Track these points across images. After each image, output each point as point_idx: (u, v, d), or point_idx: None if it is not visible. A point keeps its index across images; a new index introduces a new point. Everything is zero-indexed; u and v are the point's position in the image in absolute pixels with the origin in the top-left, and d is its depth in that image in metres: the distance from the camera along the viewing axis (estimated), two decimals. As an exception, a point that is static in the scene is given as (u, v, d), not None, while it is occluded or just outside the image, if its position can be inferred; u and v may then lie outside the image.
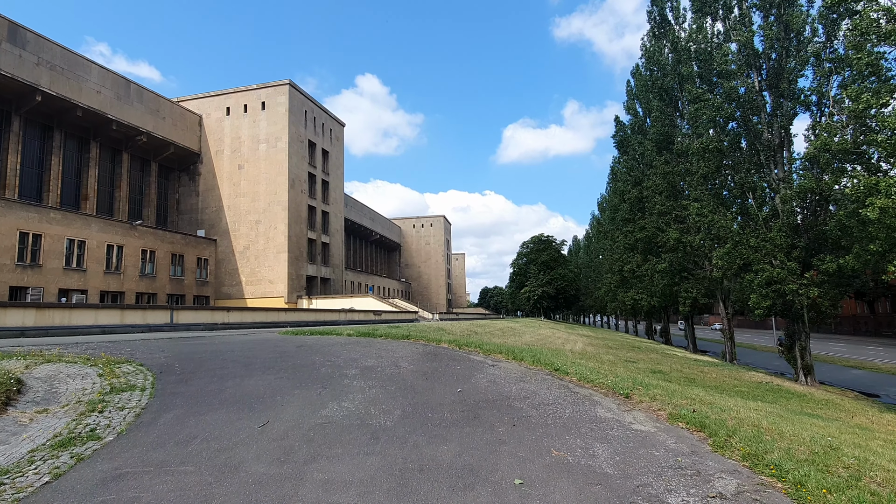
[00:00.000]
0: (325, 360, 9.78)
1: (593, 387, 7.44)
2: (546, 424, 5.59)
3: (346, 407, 6.45)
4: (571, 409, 6.19)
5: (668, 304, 46.88)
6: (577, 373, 8.28)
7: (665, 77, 37.62)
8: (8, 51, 35.07)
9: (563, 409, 6.19)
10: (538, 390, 7.15)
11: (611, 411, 6.13)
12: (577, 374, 8.22)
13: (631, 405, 6.48)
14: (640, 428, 5.50)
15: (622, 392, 6.97)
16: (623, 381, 7.64)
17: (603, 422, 5.69)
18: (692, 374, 21.24)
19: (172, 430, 5.80)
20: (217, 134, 53.51)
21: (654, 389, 7.24)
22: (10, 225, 32.72)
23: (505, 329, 33.27)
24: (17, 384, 7.42)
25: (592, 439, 5.09)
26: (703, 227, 28.00)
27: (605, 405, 6.41)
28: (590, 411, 6.11)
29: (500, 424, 5.62)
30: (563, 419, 5.78)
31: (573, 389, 7.21)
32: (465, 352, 10.99)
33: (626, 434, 5.28)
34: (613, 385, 7.33)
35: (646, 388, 7.35)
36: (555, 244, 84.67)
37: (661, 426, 5.60)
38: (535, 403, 6.45)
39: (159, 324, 21.43)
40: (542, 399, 6.66)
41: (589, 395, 6.93)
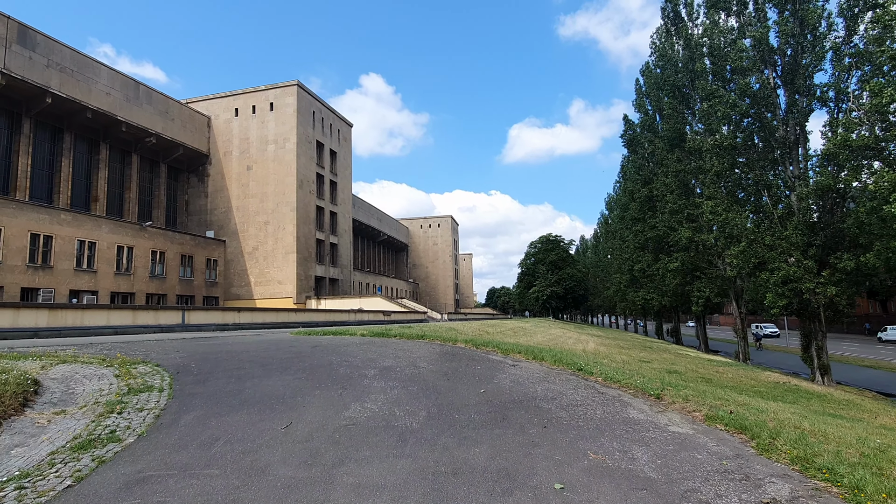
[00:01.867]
0: (342, 360, 9.63)
1: (621, 387, 7.24)
2: (578, 426, 5.40)
3: (369, 408, 6.29)
4: (602, 410, 6.00)
5: (679, 303, 46.46)
6: (601, 373, 8.08)
7: (677, 74, 37.24)
8: (18, 53, 35.27)
9: (594, 410, 6.00)
10: (564, 391, 6.96)
11: (643, 412, 5.94)
12: (601, 374, 8.02)
13: (663, 406, 6.28)
14: (678, 430, 5.30)
15: (652, 393, 6.77)
16: (651, 382, 7.44)
17: (637, 423, 5.49)
18: (708, 374, 20.94)
19: (194, 431, 5.66)
20: (226, 135, 53.65)
21: (685, 390, 7.04)
22: (22, 226, 32.89)
23: (516, 329, 33.06)
24: (33, 385, 7.33)
25: (629, 442, 4.90)
26: (716, 225, 27.68)
27: (636, 406, 6.21)
28: (621, 412, 5.92)
29: (530, 426, 5.44)
30: (595, 420, 5.59)
31: (600, 390, 7.01)
32: (483, 351, 10.81)
33: (663, 436, 5.08)
34: (642, 385, 7.12)
35: (676, 388, 7.15)
36: (563, 244, 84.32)
37: (698, 428, 5.40)
38: (564, 404, 6.26)
39: (171, 324, 21.42)
40: (569, 400, 6.47)
41: (617, 395, 6.73)
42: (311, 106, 55.02)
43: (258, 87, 53.60)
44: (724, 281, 34.72)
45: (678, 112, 37.20)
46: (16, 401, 6.69)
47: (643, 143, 46.99)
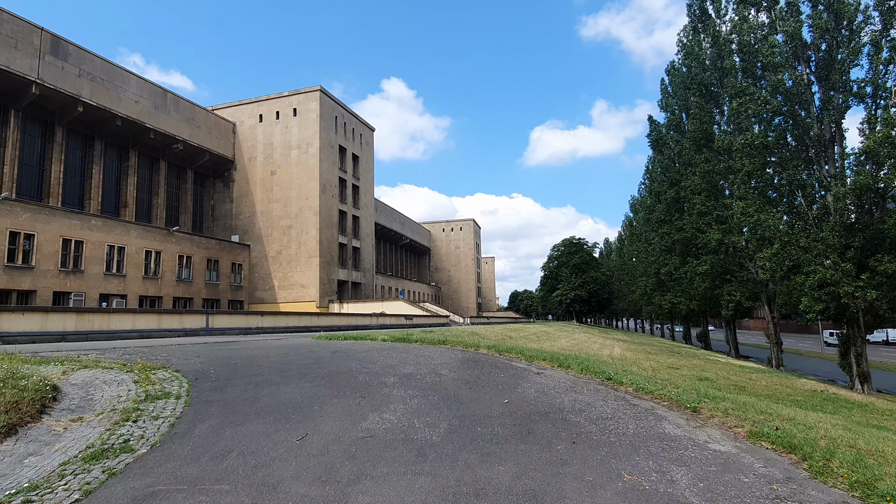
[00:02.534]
0: (361, 366, 9.41)
1: (654, 398, 6.83)
2: (610, 442, 5.04)
3: (387, 419, 6.03)
4: (635, 424, 5.62)
5: (708, 307, 45.19)
6: (632, 382, 7.67)
7: (704, 72, 36.34)
8: (51, 63, 36.32)
9: (626, 424, 5.63)
10: (593, 402, 6.58)
11: (680, 427, 5.54)
12: (632, 383, 7.61)
13: (701, 421, 5.87)
14: (719, 448, 4.90)
15: (688, 405, 6.35)
16: (686, 393, 7.01)
17: (674, 440, 5.10)
18: (740, 382, 20.16)
19: (207, 442, 5.48)
20: (250, 141, 54.41)
21: (724, 402, 6.59)
22: (54, 232, 33.77)
23: (539, 333, 32.52)
24: (52, 391, 7.27)
25: (667, 461, 4.53)
26: (747, 227, 26.75)
27: (671, 420, 5.81)
28: (656, 427, 5.53)
29: (557, 441, 5.10)
30: (628, 436, 5.22)
31: (631, 401, 6.62)
32: (507, 358, 10.47)
33: (704, 455, 4.69)
34: (677, 397, 6.70)
35: (714, 400, 6.70)
36: (586, 247, 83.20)
37: (742, 446, 4.98)
38: (593, 417, 5.90)
39: (195, 328, 21.59)
40: (599, 412, 6.10)
41: (650, 408, 6.33)
42: (333, 111, 55.43)
43: (282, 93, 54.24)
44: (755, 284, 33.60)
45: (706, 111, 36.25)
46: (33, 407, 6.63)
47: (669, 143, 46.00)
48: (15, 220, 31.63)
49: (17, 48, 34.40)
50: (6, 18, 34.00)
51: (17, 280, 31.55)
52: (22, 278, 31.83)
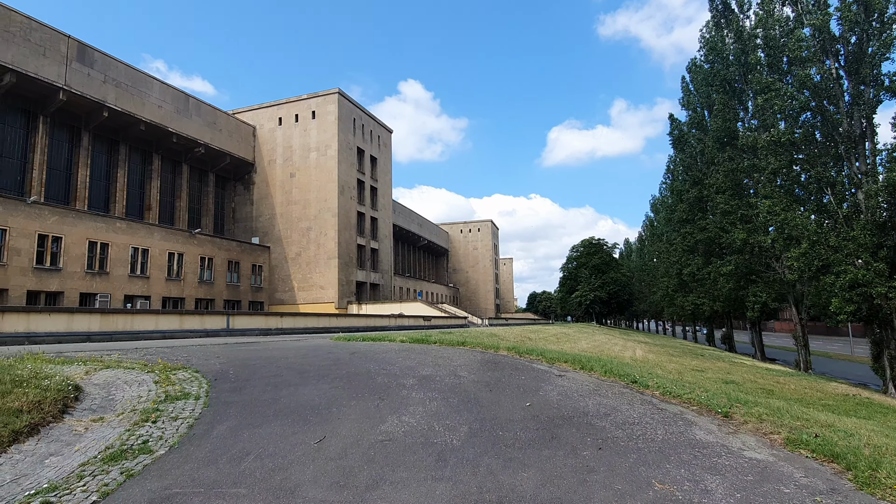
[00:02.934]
0: (380, 368, 9.31)
1: (682, 403, 6.57)
2: (638, 448, 4.83)
3: (406, 422, 5.90)
4: (663, 429, 5.40)
5: (732, 309, 44.20)
6: (658, 385, 7.41)
7: (728, 68, 35.59)
8: (78, 70, 37.18)
9: (654, 429, 5.40)
10: (618, 406, 6.36)
11: (711, 433, 5.29)
12: (658, 387, 7.35)
13: (734, 426, 5.61)
14: (755, 456, 4.65)
15: (719, 410, 6.09)
16: (716, 397, 6.74)
17: (706, 447, 4.87)
18: (768, 385, 19.60)
19: (225, 444, 5.42)
20: (270, 144, 55.01)
21: (757, 407, 6.30)
22: (81, 235, 34.53)
23: (559, 335, 32.16)
24: (74, 391, 7.31)
25: (700, 469, 4.31)
26: (774, 226, 26.05)
27: (702, 426, 5.57)
28: (686, 433, 5.30)
29: (583, 447, 4.90)
30: (657, 442, 5.00)
31: (658, 405, 6.38)
32: (527, 360, 10.27)
33: (739, 464, 4.45)
34: (707, 402, 6.44)
35: (746, 405, 6.42)
36: (606, 247, 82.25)
37: (779, 454, 4.73)
38: (619, 422, 5.69)
39: (216, 329, 21.79)
40: (625, 417, 5.88)
41: (679, 412, 6.09)
42: (351, 113, 55.74)
43: (300, 95, 54.74)
44: (782, 285, 32.74)
45: (730, 108, 35.49)
46: (55, 407, 6.66)
47: (691, 141, 45.20)
48: (43, 223, 32.42)
49: (45, 56, 35.30)
50: (35, 27, 34.91)
51: (45, 281, 32.32)
52: (50, 280, 32.59)
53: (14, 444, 5.77)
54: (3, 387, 6.69)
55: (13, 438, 5.80)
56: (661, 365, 22.11)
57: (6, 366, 7.54)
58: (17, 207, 31.19)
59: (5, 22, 33.33)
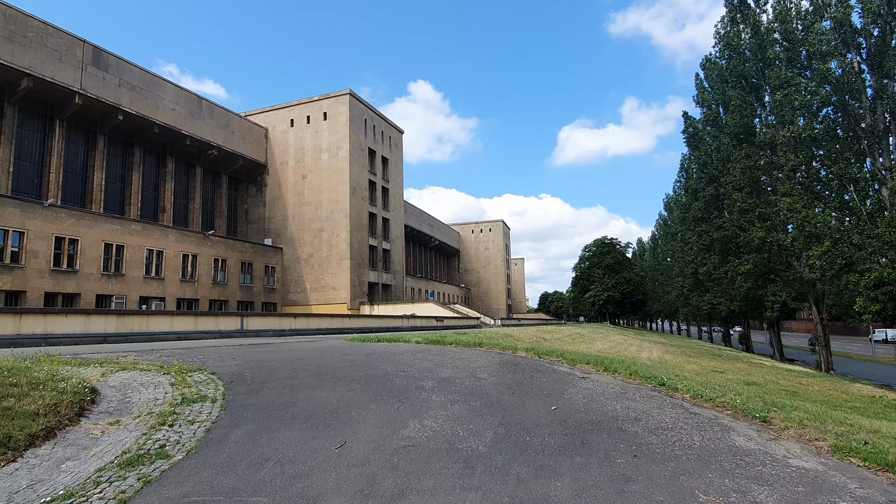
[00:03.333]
0: (397, 370, 9.14)
1: (715, 407, 6.30)
2: (676, 456, 4.59)
3: (429, 426, 5.71)
4: (700, 435, 5.14)
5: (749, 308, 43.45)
6: (688, 388, 7.14)
7: (744, 64, 34.97)
8: (93, 74, 37.56)
9: (690, 435, 5.15)
10: (649, 410, 6.11)
11: (751, 440, 5.03)
12: (688, 390, 7.08)
13: (774, 432, 5.34)
14: (802, 465, 4.39)
15: (757, 415, 5.81)
16: (751, 401, 6.45)
17: (748, 454, 4.61)
18: (791, 387, 19.13)
19: (244, 449, 5.27)
20: (282, 145, 55.22)
21: (797, 412, 6.01)
22: (97, 237, 34.85)
23: (574, 335, 31.79)
24: (91, 393, 7.22)
25: (745, 479, 4.06)
26: (795, 224, 25.48)
27: (740, 431, 5.30)
28: (724, 439, 5.04)
29: (616, 454, 4.67)
30: (695, 449, 4.76)
31: (691, 410, 6.12)
32: (547, 361, 10.03)
33: (787, 473, 4.19)
34: (742, 405, 6.16)
35: (783, 409, 6.13)
36: (619, 247, 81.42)
37: (828, 463, 4.46)
38: (652, 427, 5.44)
39: (230, 330, 21.79)
40: (657, 422, 5.63)
41: (713, 417, 5.83)
42: (362, 114, 55.77)
43: (312, 97, 54.88)
44: (802, 284, 32.07)
45: (746, 104, 34.88)
46: (71, 410, 6.57)
47: (706, 139, 44.56)
48: (60, 225, 32.76)
49: (61, 60, 35.70)
50: (51, 32, 35.32)
51: (62, 283, 32.65)
52: (67, 282, 32.92)
53: (30, 447, 5.67)
54: (19, 389, 6.61)
55: (29, 442, 5.70)
56: (679, 366, 21.70)
57: (23, 368, 7.48)
58: (34, 210, 31.54)
59: (22, 27, 33.75)
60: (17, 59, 33.20)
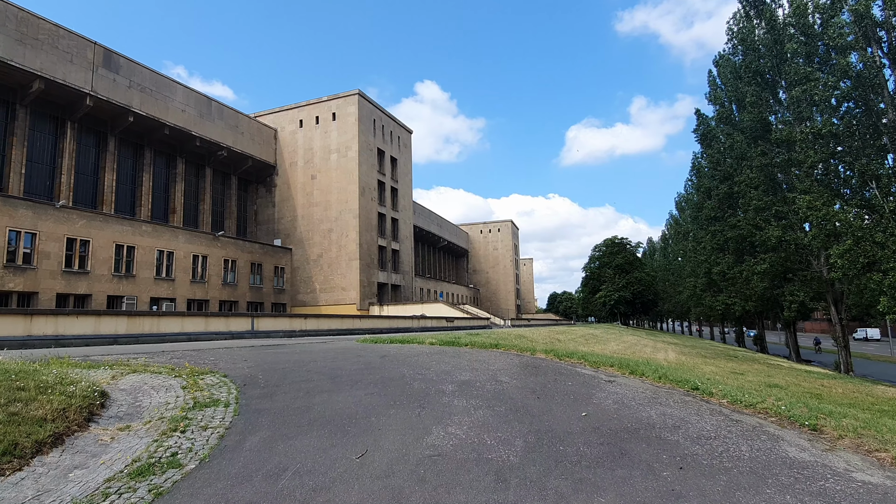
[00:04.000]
0: (414, 372, 8.84)
1: (756, 413, 5.94)
2: (725, 468, 4.24)
3: (453, 434, 5.40)
4: (747, 445, 4.79)
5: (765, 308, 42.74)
6: (724, 393, 6.77)
7: (759, 60, 34.37)
8: (104, 76, 37.66)
9: (737, 445, 4.80)
10: (686, 417, 5.76)
11: (805, 451, 4.67)
12: (724, 394, 6.71)
13: (828, 442, 4.97)
14: (868, 479, 4.03)
15: (804, 422, 5.44)
16: (795, 406, 6.07)
17: (805, 467, 4.26)
18: (813, 389, 18.61)
19: (260, 457, 4.99)
20: (291, 146, 55.19)
21: (847, 419, 5.64)
22: (108, 238, 34.90)
23: (587, 336, 31.36)
24: (100, 397, 6.99)
25: (808, 495, 3.71)
26: (815, 221, 24.89)
27: (790, 441, 4.94)
28: (775, 450, 4.68)
29: (660, 466, 4.34)
30: (745, 461, 4.41)
31: (732, 416, 5.76)
32: (569, 364, 9.68)
33: (852, 489, 3.84)
34: (787, 412, 5.79)
35: (832, 416, 5.76)
36: (629, 246, 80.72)
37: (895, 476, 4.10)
38: (693, 436, 5.09)
39: (241, 331, 21.62)
40: (698, 430, 5.28)
41: (757, 424, 5.47)
42: (371, 114, 55.62)
43: (321, 98, 54.81)
44: (820, 283, 31.41)
45: (762, 101, 34.27)
46: (81, 415, 6.33)
47: (719, 137, 43.91)
48: (72, 226, 32.83)
49: (72, 62, 35.81)
50: (62, 34, 35.44)
51: (74, 284, 32.72)
52: (78, 283, 32.98)
53: (37, 455, 5.43)
54: (27, 394, 6.38)
55: (36, 449, 5.46)
56: (697, 368, 21.23)
57: (31, 371, 7.26)
58: (46, 212, 31.63)
59: (34, 30, 33.88)
60: (28, 62, 33.34)
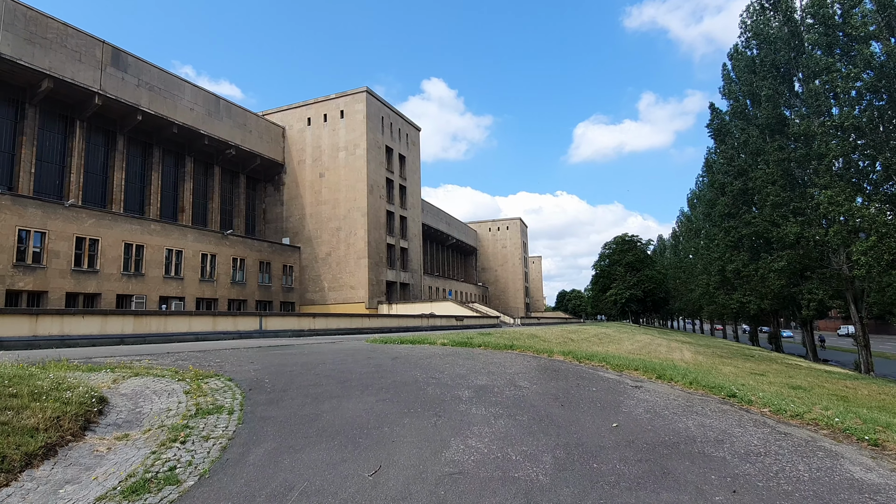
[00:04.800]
0: (427, 376, 8.41)
1: (804, 424, 5.44)
2: (786, 492, 3.76)
3: (474, 447, 4.96)
4: (804, 464, 4.30)
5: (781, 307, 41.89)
6: (764, 401, 6.27)
7: (775, 53, 33.56)
8: (112, 75, 37.56)
9: (792, 464, 4.31)
10: (728, 429, 5.27)
11: (871, 471, 4.18)
12: (764, 402, 6.21)
13: (894, 460, 4.47)
14: (955, 507, 3.54)
15: (864, 436, 4.94)
16: (847, 417, 5.57)
17: (878, 491, 3.77)
18: (838, 391, 17.97)
19: (264, 473, 4.58)
20: (299, 144, 54.96)
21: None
22: (117, 237, 34.81)
23: (600, 335, 30.79)
24: (98, 404, 6.61)
25: (890, 528, 3.24)
26: (837, 217, 24.16)
27: (851, 459, 4.45)
28: (837, 469, 4.19)
29: (710, 489, 3.87)
30: (805, 482, 3.93)
31: (778, 428, 5.26)
32: (590, 367, 9.20)
33: (940, 520, 3.36)
34: (841, 424, 5.28)
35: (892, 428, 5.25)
36: (640, 244, 79.84)
37: (984, 504, 3.60)
38: (740, 452, 4.61)
39: (249, 330, 21.33)
40: (745, 444, 4.79)
41: (809, 438, 4.97)
42: (379, 111, 55.24)
43: (329, 95, 54.51)
44: (840, 281, 30.60)
45: (779, 94, 33.47)
46: (76, 424, 5.95)
47: (733, 131, 43.11)
48: (81, 225, 32.75)
49: (81, 61, 35.72)
50: (71, 33, 35.35)
51: (83, 283, 32.65)
52: (88, 282, 32.91)
53: (27, 468, 5.05)
54: (19, 401, 6.01)
55: (26, 462, 5.08)
56: (715, 368, 20.64)
57: (26, 376, 6.90)
58: (55, 211, 31.56)
59: (42, 29, 33.81)
60: (37, 61, 33.27)
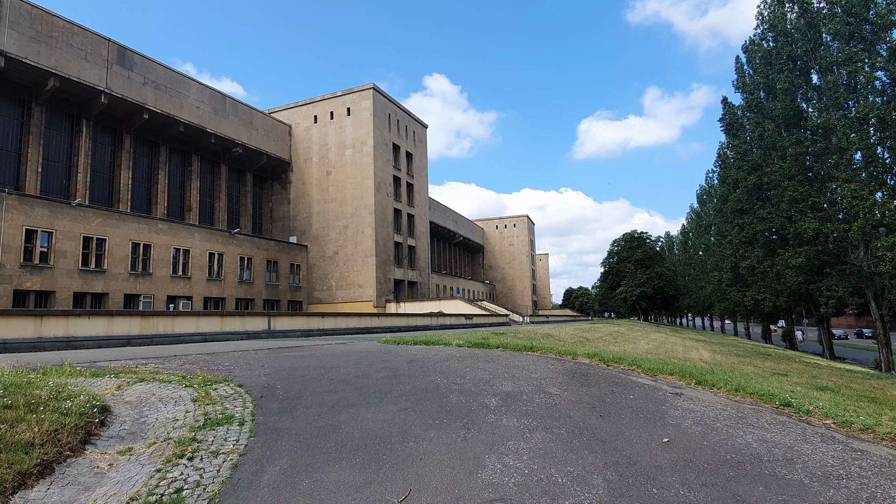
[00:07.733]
0: (448, 381, 7.91)
1: (878, 439, 4.90)
2: (888, 527, 3.25)
3: (512, 466, 4.45)
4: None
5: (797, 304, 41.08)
6: (824, 411, 5.73)
7: (792, 45, 32.77)
8: (118, 73, 37.27)
9: (883, 490, 3.77)
10: (794, 445, 4.74)
11: (979, 499, 3.65)
12: (824, 412, 5.67)
13: None
14: None
15: (954, 455, 4.41)
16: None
17: None
18: (866, 391, 17.31)
19: (280, 497, 4.10)
20: (306, 142, 54.57)
21: None
22: (124, 236, 34.56)
23: (614, 334, 30.18)
24: (100, 414, 6.15)
25: None
26: (861, 212, 23.45)
27: (948, 482, 3.91)
28: (936, 496, 3.66)
29: (796, 521, 3.35)
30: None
31: (851, 445, 4.73)
32: (619, 371, 8.68)
33: None
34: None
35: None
36: (649, 241, 78.97)
37: None
38: (817, 474, 4.08)
39: (258, 331, 20.94)
40: (819, 464, 4.26)
41: (890, 456, 4.43)
42: (386, 109, 54.74)
43: (335, 93, 54.06)
44: (860, 277, 29.85)
45: (797, 87, 32.69)
46: (76, 437, 5.49)
47: (747, 126, 42.31)
48: (88, 225, 32.51)
49: (86, 59, 35.45)
50: (76, 31, 35.06)
51: (90, 283, 32.41)
52: (95, 281, 32.68)
53: (20, 489, 4.59)
54: (14, 412, 5.55)
55: (19, 483, 4.62)
56: (735, 368, 20.02)
57: (24, 384, 6.45)
58: (62, 210, 31.31)
59: (48, 27, 33.54)
60: (43, 60, 33.01)
